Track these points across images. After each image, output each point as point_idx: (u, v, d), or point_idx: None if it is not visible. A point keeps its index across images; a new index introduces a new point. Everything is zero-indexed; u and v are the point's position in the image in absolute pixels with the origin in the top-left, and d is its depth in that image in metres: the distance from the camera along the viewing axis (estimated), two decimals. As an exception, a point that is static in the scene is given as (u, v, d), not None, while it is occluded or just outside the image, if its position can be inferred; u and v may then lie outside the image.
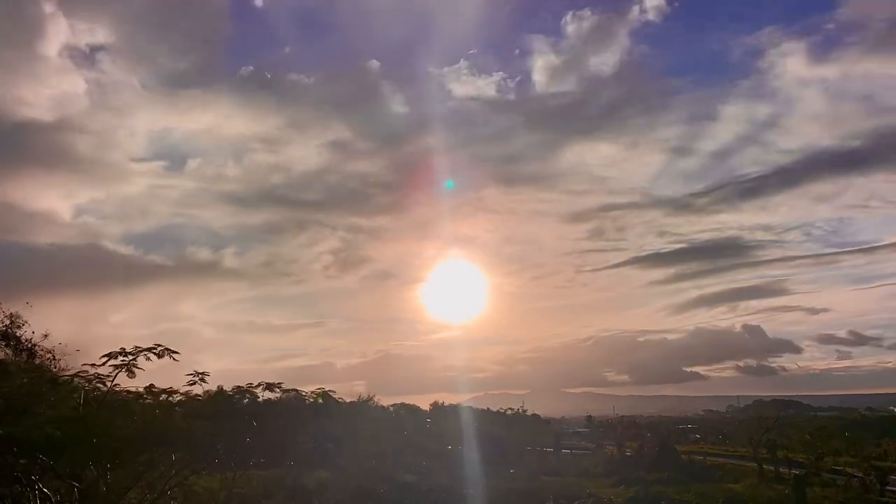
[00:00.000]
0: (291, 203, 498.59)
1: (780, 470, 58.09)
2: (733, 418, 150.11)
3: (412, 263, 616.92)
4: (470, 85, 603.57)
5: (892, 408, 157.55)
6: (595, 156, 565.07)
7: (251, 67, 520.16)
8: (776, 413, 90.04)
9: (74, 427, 16.04)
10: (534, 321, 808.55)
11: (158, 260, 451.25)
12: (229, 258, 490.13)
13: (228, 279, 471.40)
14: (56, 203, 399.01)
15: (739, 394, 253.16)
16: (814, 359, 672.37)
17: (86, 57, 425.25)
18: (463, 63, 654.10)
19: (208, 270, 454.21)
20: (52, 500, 17.20)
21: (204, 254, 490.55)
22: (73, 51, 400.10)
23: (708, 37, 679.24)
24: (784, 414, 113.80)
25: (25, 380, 18.60)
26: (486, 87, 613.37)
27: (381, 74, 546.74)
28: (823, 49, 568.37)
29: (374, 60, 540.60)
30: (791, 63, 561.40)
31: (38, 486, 16.97)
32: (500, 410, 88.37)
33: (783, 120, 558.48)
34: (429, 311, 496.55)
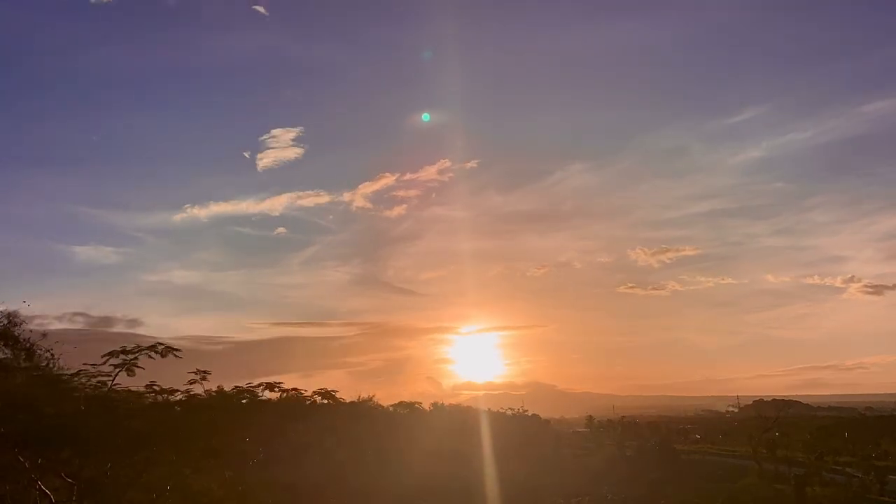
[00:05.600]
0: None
1: (780, 469, 58.13)
2: (733, 418, 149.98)
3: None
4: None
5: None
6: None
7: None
8: (776, 413, 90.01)
9: (74, 425, 16.00)
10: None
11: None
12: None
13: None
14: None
15: (740, 394, 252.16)
16: None
17: None
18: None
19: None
20: (52, 498, 17.15)
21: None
22: None
23: None
24: (784, 414, 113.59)
25: (24, 378, 18.56)
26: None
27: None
28: None
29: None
30: None
31: (38, 484, 16.93)
32: (501, 410, 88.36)
33: None
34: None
